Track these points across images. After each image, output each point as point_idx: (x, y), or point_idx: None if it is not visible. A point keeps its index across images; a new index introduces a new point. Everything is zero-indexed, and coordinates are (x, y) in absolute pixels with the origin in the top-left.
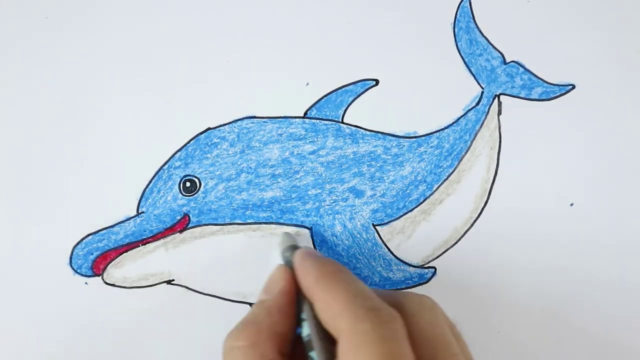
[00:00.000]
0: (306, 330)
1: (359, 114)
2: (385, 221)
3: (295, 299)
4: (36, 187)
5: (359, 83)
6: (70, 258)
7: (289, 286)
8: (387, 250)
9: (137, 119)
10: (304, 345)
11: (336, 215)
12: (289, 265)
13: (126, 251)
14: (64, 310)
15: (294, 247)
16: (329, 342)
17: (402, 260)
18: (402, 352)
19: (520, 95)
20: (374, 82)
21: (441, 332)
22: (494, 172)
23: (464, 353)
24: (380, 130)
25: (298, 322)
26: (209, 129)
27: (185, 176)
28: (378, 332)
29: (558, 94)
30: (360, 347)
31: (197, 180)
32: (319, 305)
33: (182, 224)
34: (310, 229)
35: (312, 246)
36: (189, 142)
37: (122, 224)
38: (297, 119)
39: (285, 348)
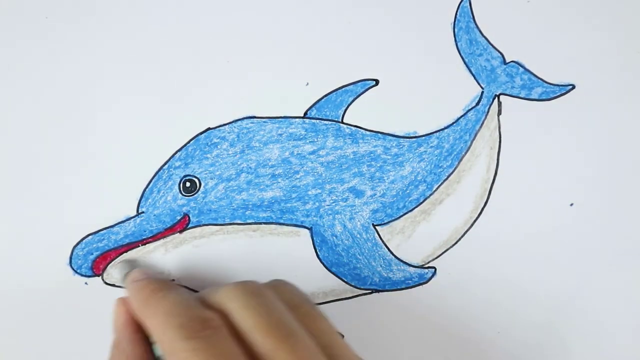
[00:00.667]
0: (157, 351)
1: (359, 114)
2: (385, 221)
3: (138, 326)
4: (36, 187)
5: (359, 83)
6: (70, 258)
7: (128, 318)
8: (387, 250)
9: (137, 119)
10: None
11: (336, 216)
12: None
13: (126, 251)
14: (64, 310)
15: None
16: None
17: (402, 260)
18: (221, 355)
19: (520, 95)
20: (374, 82)
21: (265, 313)
22: (493, 172)
23: (307, 325)
24: (380, 130)
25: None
26: (209, 129)
27: (185, 176)
28: (192, 346)
29: (558, 94)
30: None
31: (197, 180)
32: (148, 331)
33: (182, 224)
34: (310, 229)
35: (312, 247)
36: (189, 142)
37: (122, 224)
38: (297, 119)
39: None
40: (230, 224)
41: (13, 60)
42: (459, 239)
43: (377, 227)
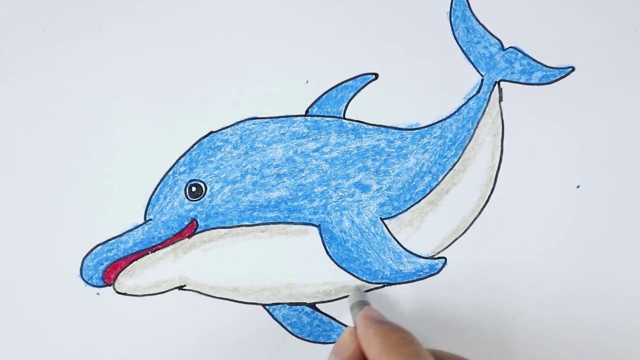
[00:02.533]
0: None
1: (360, 108)
2: (393, 214)
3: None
4: (42, 200)
5: (359, 78)
6: (81, 269)
7: (359, 351)
8: (396, 243)
9: (139, 127)
10: None
11: (343, 211)
12: (355, 323)
13: (136, 259)
14: (78, 322)
15: (362, 304)
16: None
17: (412, 253)
18: None
19: (521, 81)
20: (374, 76)
21: None
22: (498, 159)
23: None
24: (383, 124)
25: None
26: (211, 132)
27: (190, 181)
28: None
29: (558, 77)
30: None
31: (202, 185)
32: None
33: (190, 229)
34: (318, 226)
35: (321, 244)
36: (192, 146)
37: (130, 233)
38: (298, 118)
39: None
40: (239, 226)
41: (17, 70)
42: (468, 228)
43: (385, 220)
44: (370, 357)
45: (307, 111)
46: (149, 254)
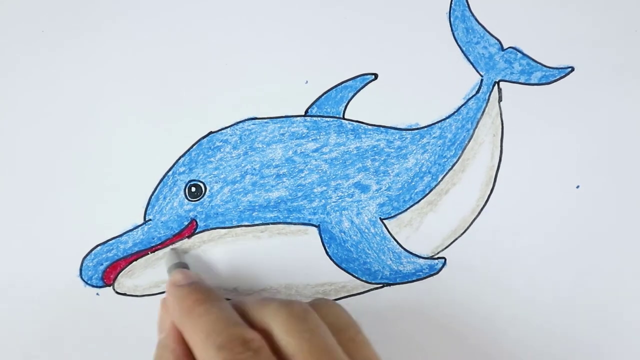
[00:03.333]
0: None
1: (359, 109)
2: (393, 214)
3: None
4: (42, 200)
5: (358, 78)
6: (80, 270)
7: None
8: (395, 243)
9: (138, 127)
10: None
11: (343, 212)
12: None
13: (136, 259)
14: (77, 322)
15: (178, 266)
16: None
17: (411, 253)
18: None
19: (520, 81)
20: (373, 77)
21: (308, 340)
22: (498, 159)
23: (351, 351)
24: (382, 124)
25: None
26: (210, 132)
27: (190, 181)
28: None
29: (558, 77)
30: None
31: (202, 185)
32: (188, 344)
33: (190, 229)
34: (318, 226)
35: (321, 244)
36: (191, 147)
37: (130, 233)
38: (298, 118)
39: None
40: (238, 226)
41: (17, 70)
42: (467, 228)
43: (384, 220)
44: (175, 323)
45: (306, 111)
46: (148, 254)
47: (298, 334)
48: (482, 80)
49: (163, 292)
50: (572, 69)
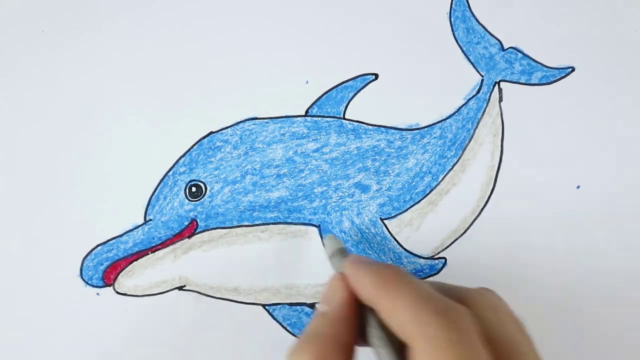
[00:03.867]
0: (374, 338)
1: (360, 109)
2: (393, 214)
3: (356, 308)
4: (42, 200)
5: (359, 78)
6: (81, 270)
7: (350, 295)
8: (396, 243)
9: (139, 127)
10: (374, 352)
11: (343, 212)
12: (338, 270)
13: (136, 260)
14: (78, 322)
15: (342, 251)
16: (398, 346)
17: (412, 253)
18: (476, 353)
19: (520, 81)
20: (374, 77)
21: (509, 329)
22: (498, 159)
23: (531, 350)
24: (383, 124)
25: (361, 330)
26: (211, 133)
27: (190, 181)
28: (449, 336)
29: (558, 77)
30: (433, 354)
31: (202, 185)
32: (384, 314)
33: (190, 229)
34: (318, 226)
35: (321, 244)
36: (192, 147)
37: (130, 233)
38: (298, 118)
39: (351, 358)
40: (239, 226)
41: (17, 70)
42: (468, 228)
43: (385, 220)
44: (365, 295)
45: (307, 111)
46: (149, 254)
47: (504, 319)
48: (482, 80)
49: (163, 292)
50: (573, 69)
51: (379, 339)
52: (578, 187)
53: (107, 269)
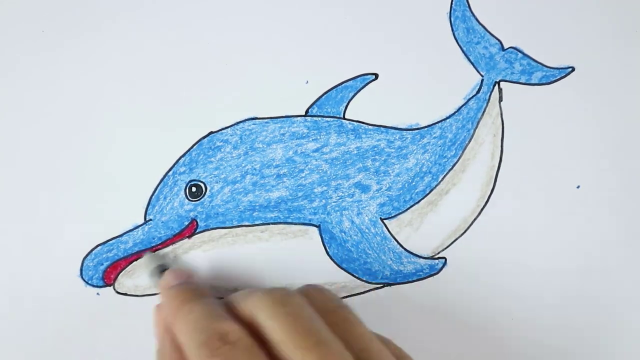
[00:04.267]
0: None
1: (360, 109)
2: (393, 214)
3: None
4: (42, 200)
5: (359, 78)
6: (81, 270)
7: (165, 327)
8: (396, 243)
9: (139, 127)
10: None
11: (343, 212)
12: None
13: (136, 259)
14: (78, 322)
15: (161, 268)
16: None
17: (412, 253)
18: None
19: (521, 81)
20: (374, 77)
21: (292, 323)
22: (498, 159)
23: (341, 331)
24: (383, 124)
25: None
26: (211, 132)
27: (190, 181)
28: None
29: (558, 77)
30: None
31: (202, 185)
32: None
33: (190, 229)
34: (318, 226)
35: (321, 244)
36: (192, 147)
37: (130, 233)
38: (298, 118)
39: None
40: (239, 226)
41: (17, 70)
42: (468, 228)
43: (385, 220)
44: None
45: (307, 111)
46: None
47: (282, 317)
48: (482, 80)
49: None
50: (573, 69)
51: None
52: (578, 187)
53: (107, 269)
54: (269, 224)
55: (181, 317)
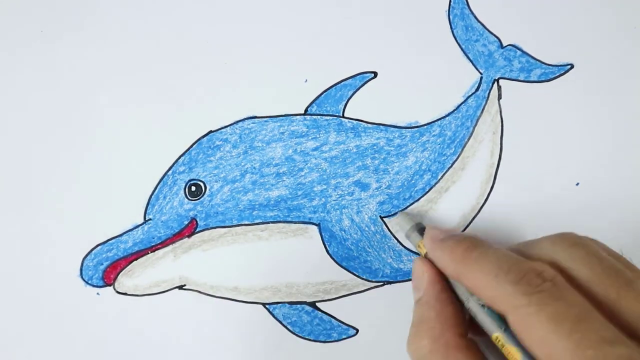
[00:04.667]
0: (471, 307)
1: (359, 107)
2: (393, 212)
3: (446, 283)
4: (41, 200)
5: (358, 76)
6: (81, 269)
7: (435, 276)
8: (396, 241)
9: (138, 126)
10: (476, 321)
11: (343, 210)
12: (414, 248)
13: (136, 259)
14: (78, 322)
15: (419, 226)
16: (493, 311)
17: (411, 251)
18: (569, 305)
19: (520, 78)
20: (373, 75)
21: (598, 264)
22: (497, 156)
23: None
24: (382, 122)
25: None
26: (210, 132)
27: (190, 180)
28: (535, 300)
29: (557, 74)
30: (526, 322)
31: (202, 184)
32: (471, 290)
33: (190, 229)
34: (318, 225)
35: (321, 243)
36: (191, 146)
37: (130, 233)
38: (298, 117)
39: (461, 328)
40: (238, 225)
41: (16, 70)
42: (467, 226)
43: (384, 218)
44: (448, 274)
45: (306, 110)
46: (148, 253)
47: (586, 259)
48: (481, 78)
49: (163, 292)
50: (572, 66)
51: (474, 308)
52: (577, 184)
53: (107, 268)
54: (268, 222)
55: (474, 261)
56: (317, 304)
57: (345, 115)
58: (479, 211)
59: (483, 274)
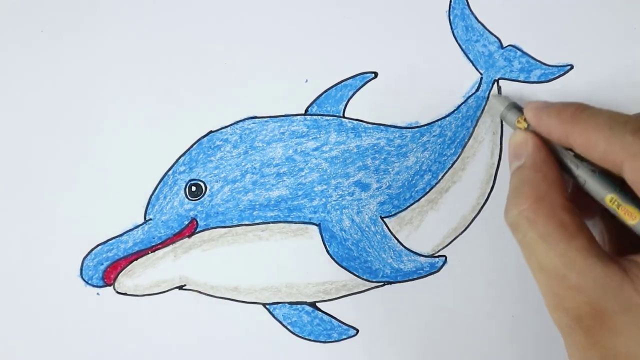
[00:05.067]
0: (581, 173)
1: (359, 107)
2: (393, 213)
3: (550, 152)
4: (41, 200)
5: (358, 76)
6: (81, 269)
7: (539, 142)
8: (396, 241)
9: (139, 126)
10: (584, 187)
11: (343, 210)
12: (513, 126)
13: (136, 259)
14: (78, 322)
15: (513, 106)
16: (605, 174)
17: (412, 251)
18: None
19: (519, 79)
20: (373, 75)
21: None
22: (497, 156)
23: None
24: (382, 123)
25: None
26: (211, 132)
27: (190, 180)
28: None
29: (557, 75)
30: None
31: (202, 184)
32: (581, 148)
33: (190, 229)
34: (318, 225)
35: (321, 243)
36: (192, 146)
37: (130, 233)
38: (298, 117)
39: (566, 192)
40: (239, 225)
41: (16, 70)
42: (468, 226)
43: (385, 219)
44: (556, 138)
45: (306, 110)
46: (149, 253)
47: None
48: (481, 78)
49: (163, 292)
50: (572, 67)
51: (585, 171)
52: None
53: (107, 268)
54: (269, 222)
55: (585, 119)
56: (317, 304)
57: (346, 115)
58: (479, 211)
59: (596, 129)
